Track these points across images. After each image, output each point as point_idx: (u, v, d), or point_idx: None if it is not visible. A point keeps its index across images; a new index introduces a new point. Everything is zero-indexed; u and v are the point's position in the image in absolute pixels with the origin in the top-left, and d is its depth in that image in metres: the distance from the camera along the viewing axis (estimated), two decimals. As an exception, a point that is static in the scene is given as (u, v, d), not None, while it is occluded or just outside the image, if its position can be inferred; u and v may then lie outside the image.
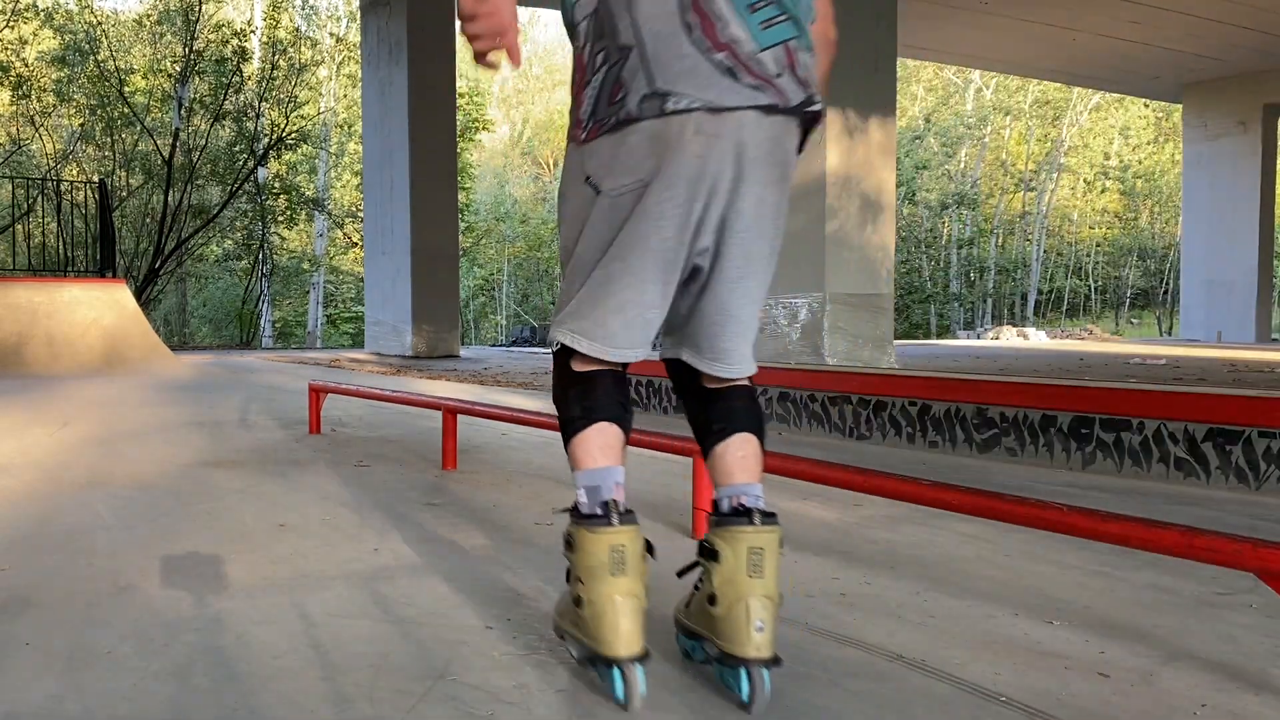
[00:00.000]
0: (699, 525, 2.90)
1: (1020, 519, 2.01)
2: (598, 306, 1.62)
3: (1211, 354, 10.11)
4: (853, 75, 7.20)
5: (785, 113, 1.55)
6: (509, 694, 1.70)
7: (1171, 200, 30.60)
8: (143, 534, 2.90)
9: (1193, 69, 15.49)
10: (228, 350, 15.76)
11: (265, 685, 1.75)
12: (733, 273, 1.59)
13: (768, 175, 1.58)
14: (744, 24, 1.51)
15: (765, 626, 1.56)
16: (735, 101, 1.50)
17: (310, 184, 25.07)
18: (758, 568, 1.57)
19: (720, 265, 1.59)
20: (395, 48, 12.40)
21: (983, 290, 31.01)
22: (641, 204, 1.52)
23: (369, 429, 5.26)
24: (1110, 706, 1.68)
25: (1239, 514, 3.25)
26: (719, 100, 1.49)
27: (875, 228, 7.34)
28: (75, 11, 19.71)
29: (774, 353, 7.51)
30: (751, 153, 1.53)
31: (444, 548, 2.75)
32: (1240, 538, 1.70)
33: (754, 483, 1.68)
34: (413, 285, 12.25)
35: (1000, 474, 4.07)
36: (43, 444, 4.60)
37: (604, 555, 1.56)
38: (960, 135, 30.38)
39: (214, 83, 18.80)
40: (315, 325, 25.85)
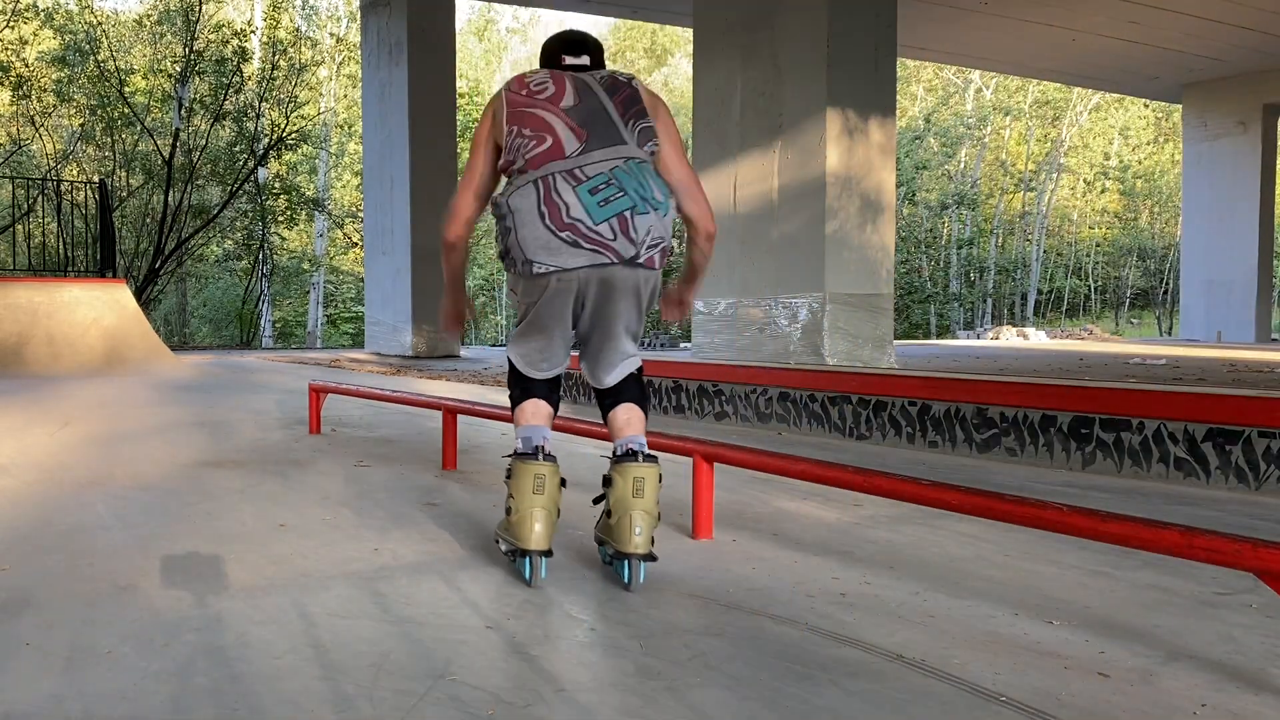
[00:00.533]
0: (699, 525, 2.90)
1: (1020, 519, 2.01)
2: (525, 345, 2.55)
3: (1211, 354, 10.11)
4: (853, 75, 7.20)
5: (619, 264, 2.33)
6: (509, 694, 1.71)
7: (1171, 200, 30.59)
8: (143, 534, 2.90)
9: (1193, 69, 15.48)
10: (228, 350, 15.76)
11: (265, 685, 1.75)
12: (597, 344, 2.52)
13: (612, 298, 2.39)
14: (583, 207, 2.28)
15: (643, 532, 2.30)
16: (577, 264, 2.30)
17: (310, 184, 25.08)
18: (640, 491, 2.33)
19: (591, 339, 2.52)
20: (395, 48, 12.40)
21: (983, 290, 31.00)
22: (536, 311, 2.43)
23: (369, 429, 5.26)
24: (1110, 706, 1.69)
25: (1239, 514, 3.26)
26: (565, 265, 2.31)
27: (875, 228, 7.34)
28: (75, 12, 19.71)
29: (774, 353, 7.51)
30: (595, 290, 2.37)
31: (444, 548, 2.75)
32: (1240, 538, 1.70)
33: (639, 434, 2.48)
34: (413, 285, 12.25)
35: (1000, 474, 4.08)
36: (43, 444, 4.60)
37: (529, 480, 2.33)
38: (960, 135, 30.37)
39: (214, 83, 18.80)
40: (315, 325, 25.85)
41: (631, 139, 2.38)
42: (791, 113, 7.37)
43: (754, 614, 2.18)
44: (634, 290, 2.40)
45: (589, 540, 2.84)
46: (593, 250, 2.29)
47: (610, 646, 1.97)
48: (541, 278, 2.33)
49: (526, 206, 2.30)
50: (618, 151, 2.35)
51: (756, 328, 7.71)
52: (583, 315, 2.44)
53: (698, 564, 2.60)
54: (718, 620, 2.13)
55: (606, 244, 2.29)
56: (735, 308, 7.92)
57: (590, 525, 3.03)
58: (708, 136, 8.27)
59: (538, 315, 2.43)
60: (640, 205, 2.31)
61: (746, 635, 2.04)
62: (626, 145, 2.37)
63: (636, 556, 2.30)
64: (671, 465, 4.07)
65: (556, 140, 2.33)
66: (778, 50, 7.49)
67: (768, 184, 7.60)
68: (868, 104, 7.26)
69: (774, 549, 2.77)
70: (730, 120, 7.96)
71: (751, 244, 7.76)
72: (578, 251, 2.29)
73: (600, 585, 2.39)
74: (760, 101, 7.66)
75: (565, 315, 2.42)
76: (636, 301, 2.43)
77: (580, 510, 3.28)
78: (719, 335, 8.10)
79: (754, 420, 5.71)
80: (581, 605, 2.24)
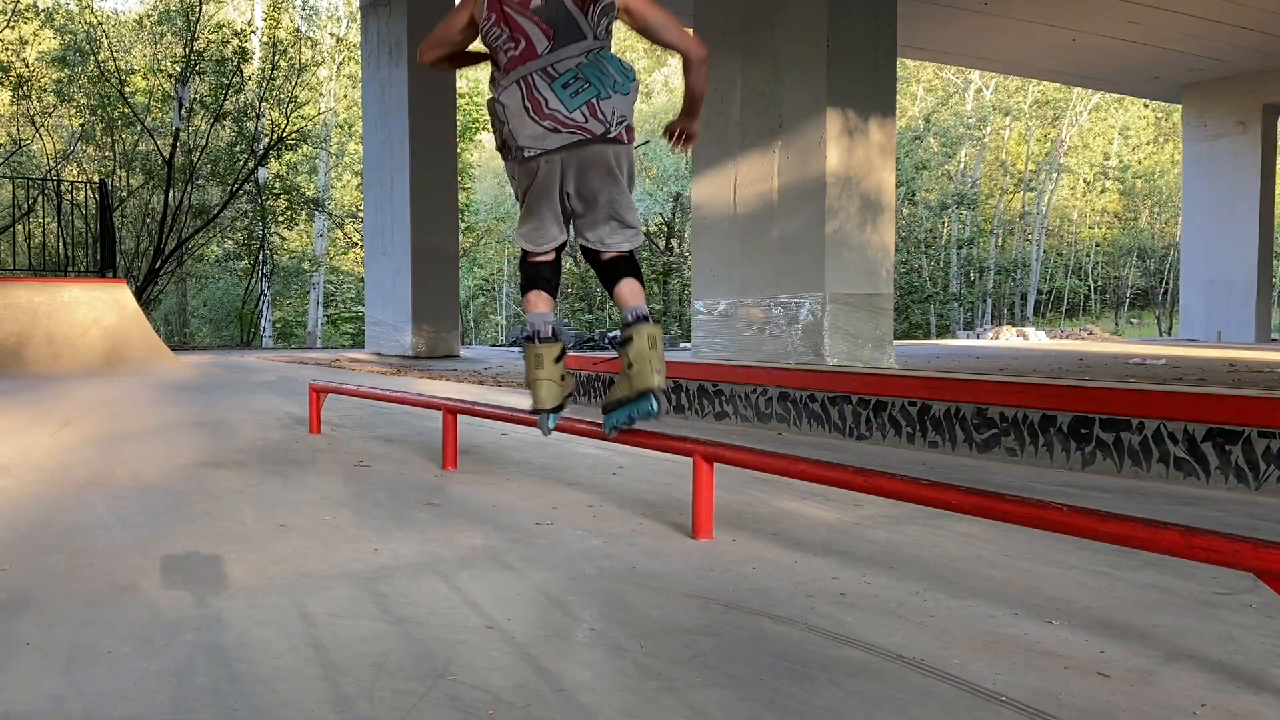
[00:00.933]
0: (699, 525, 2.90)
1: (1020, 519, 2.01)
2: (525, 226, 3.03)
3: (1211, 354, 10.11)
4: (853, 75, 7.20)
5: (594, 141, 2.84)
6: (509, 694, 1.71)
7: (1171, 200, 30.57)
8: (143, 534, 2.90)
9: (1192, 69, 15.48)
10: (228, 350, 15.76)
11: (265, 685, 1.75)
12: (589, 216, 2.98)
13: (593, 172, 2.87)
14: (559, 99, 2.80)
15: (660, 372, 2.89)
16: (558, 144, 2.83)
17: (310, 184, 25.06)
18: (654, 344, 2.91)
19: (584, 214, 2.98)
20: (395, 48, 12.40)
21: (982, 290, 30.98)
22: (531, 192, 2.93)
23: (369, 429, 5.26)
24: (1110, 706, 1.69)
25: (1239, 514, 3.26)
26: (549, 146, 2.83)
27: (875, 228, 7.34)
28: (75, 12, 19.70)
29: (774, 353, 7.51)
30: (575, 166, 2.86)
31: (444, 548, 2.75)
32: (1240, 538, 1.70)
33: (641, 304, 3.00)
34: (413, 285, 12.25)
35: (1000, 474, 4.08)
36: (43, 444, 4.60)
37: (531, 359, 3.06)
38: (960, 135, 30.35)
39: (214, 83, 18.79)
40: (315, 325, 25.83)
41: (590, 30, 2.85)
42: (791, 113, 7.37)
43: (754, 614, 2.18)
44: (607, 163, 2.88)
45: (589, 540, 2.84)
46: (570, 132, 2.82)
47: (610, 646, 1.97)
48: (532, 160, 2.87)
49: (514, 104, 2.84)
50: (581, 46, 2.85)
51: (756, 328, 7.71)
52: (570, 197, 2.94)
53: (698, 564, 2.60)
54: (718, 620, 2.13)
55: (581, 126, 2.82)
56: (735, 308, 7.92)
57: (588, 525, 3.03)
58: (708, 136, 8.27)
59: (532, 196, 2.95)
60: (603, 91, 2.82)
61: (746, 635, 2.04)
62: (586, 40, 2.85)
63: (660, 390, 2.88)
64: (671, 465, 4.08)
65: (529, 42, 2.84)
66: (778, 50, 7.49)
67: (768, 184, 7.60)
68: (868, 104, 7.26)
69: (774, 549, 2.77)
70: (730, 120, 7.96)
71: (751, 244, 7.76)
72: (558, 135, 2.82)
73: (600, 585, 2.40)
74: (760, 101, 7.66)
75: (553, 195, 2.93)
76: (611, 174, 2.90)
77: (580, 510, 3.28)
78: (719, 335, 8.10)
79: (754, 420, 5.71)
80: (581, 605, 2.24)
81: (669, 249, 31.78)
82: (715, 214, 8.18)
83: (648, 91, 38.10)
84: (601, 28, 2.86)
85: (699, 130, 3.20)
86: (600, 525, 3.05)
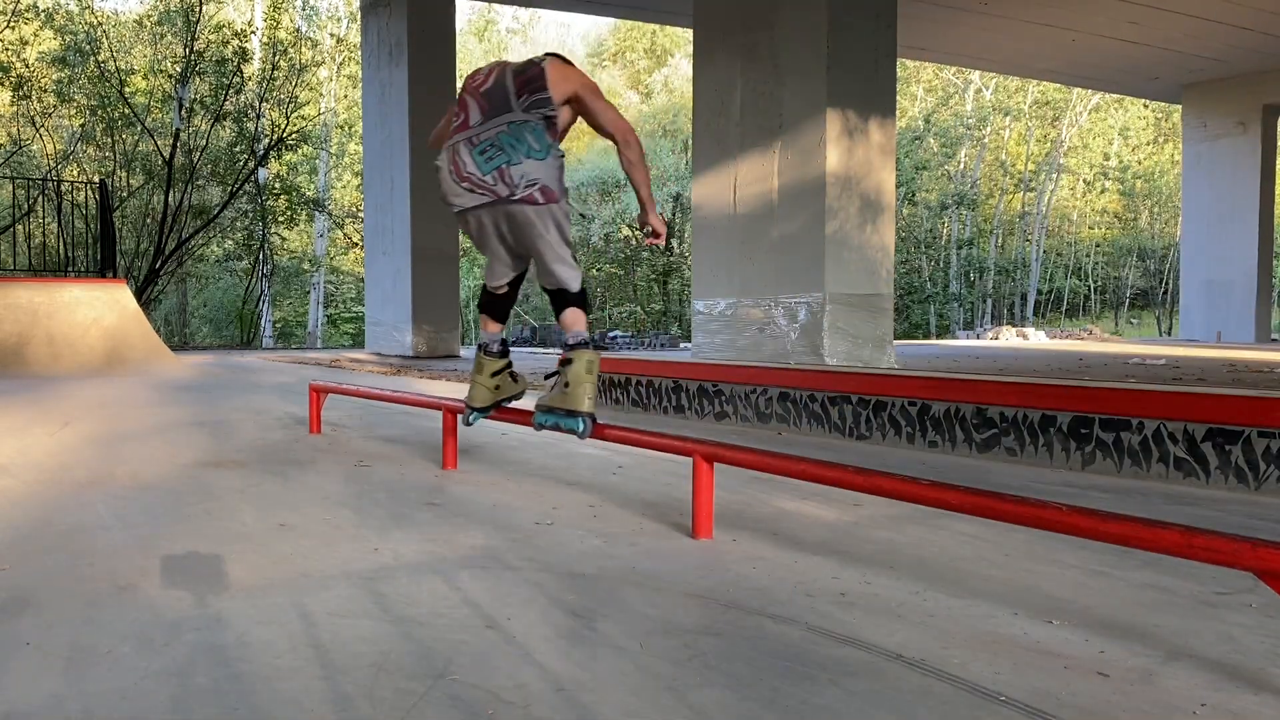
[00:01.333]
0: (699, 525, 2.90)
1: (1020, 519, 2.02)
2: (486, 266, 3.59)
3: (1211, 354, 10.11)
4: (853, 76, 7.20)
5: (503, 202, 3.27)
6: (509, 694, 1.71)
7: (1171, 200, 30.56)
8: (143, 534, 2.90)
9: (1192, 69, 15.48)
10: (228, 350, 15.76)
11: (265, 685, 1.75)
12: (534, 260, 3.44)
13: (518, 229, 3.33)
14: (475, 163, 3.27)
15: (592, 398, 3.28)
16: (474, 203, 3.31)
17: (311, 184, 25.06)
18: (591, 370, 3.31)
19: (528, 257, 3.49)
20: (395, 48, 12.40)
21: (982, 290, 30.98)
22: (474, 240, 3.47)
23: (369, 429, 5.26)
24: (1110, 706, 1.69)
25: (1239, 514, 3.26)
26: (467, 205, 3.33)
27: (875, 228, 7.34)
28: (76, 12, 19.69)
29: (774, 353, 7.51)
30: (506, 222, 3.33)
31: (444, 548, 2.75)
32: (1239, 537, 1.70)
33: (581, 330, 3.40)
34: (413, 285, 12.25)
35: (1000, 474, 4.08)
36: (43, 444, 4.60)
37: (476, 364, 3.68)
38: (960, 136, 30.34)
39: (214, 83, 18.78)
40: (315, 325, 25.83)
41: (517, 106, 3.29)
42: (791, 113, 7.37)
43: (754, 614, 2.18)
44: (528, 220, 3.30)
45: (589, 540, 2.84)
46: (481, 193, 3.29)
47: (610, 646, 1.97)
48: (459, 216, 3.39)
49: (444, 167, 3.36)
50: (504, 119, 3.28)
51: (756, 328, 7.71)
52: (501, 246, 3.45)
53: (698, 564, 2.60)
54: (718, 620, 2.13)
55: (489, 188, 3.27)
56: (735, 308, 7.92)
57: (588, 525, 3.04)
58: (708, 136, 8.27)
59: (476, 245, 3.51)
60: (514, 158, 3.24)
61: (746, 635, 2.04)
62: (512, 113, 3.28)
63: (589, 415, 3.26)
64: (671, 465, 4.08)
65: (467, 116, 3.36)
66: (778, 50, 7.49)
67: (768, 184, 7.60)
68: (867, 104, 7.26)
69: (774, 549, 2.77)
70: (730, 120, 7.96)
71: (751, 244, 7.76)
72: (473, 195, 3.30)
73: (600, 585, 2.40)
74: (760, 102, 7.66)
75: (492, 243, 3.42)
76: (533, 229, 3.31)
77: (580, 510, 3.28)
78: (719, 335, 8.10)
79: (754, 420, 5.71)
80: (582, 605, 2.24)
81: (669, 249, 31.78)
82: (715, 214, 8.18)
83: (648, 91, 38.10)
84: (530, 104, 3.27)
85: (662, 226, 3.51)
86: (600, 525, 3.05)
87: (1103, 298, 35.01)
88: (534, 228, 3.30)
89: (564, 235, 3.36)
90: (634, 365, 6.62)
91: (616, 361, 6.79)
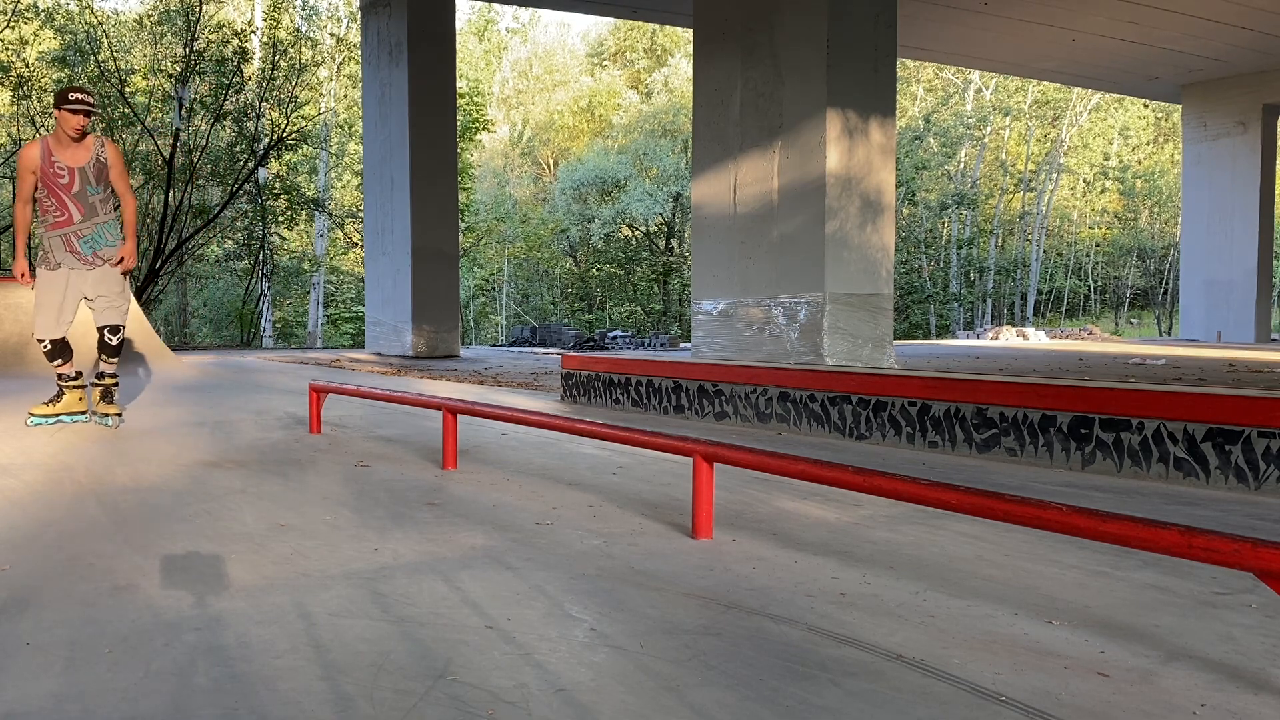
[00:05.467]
0: (699, 525, 2.90)
1: (1020, 519, 2.02)
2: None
3: (1211, 354, 10.11)
4: (853, 76, 7.20)
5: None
6: (509, 694, 1.71)
7: (1171, 200, 30.57)
8: (143, 534, 2.90)
9: (1192, 69, 15.49)
10: (228, 350, 15.76)
11: (265, 685, 1.75)
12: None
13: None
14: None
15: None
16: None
17: (311, 184, 25.04)
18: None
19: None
20: (395, 48, 12.40)
21: (982, 290, 30.97)
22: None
23: (369, 429, 5.26)
24: (1110, 706, 1.69)
25: (1239, 514, 3.26)
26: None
27: (875, 228, 7.34)
28: (76, 12, 19.69)
29: (774, 353, 7.51)
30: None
31: (444, 548, 2.75)
32: (1239, 538, 1.70)
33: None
34: (413, 285, 12.25)
35: (1000, 474, 4.08)
36: (44, 444, 4.60)
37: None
38: (960, 135, 30.34)
39: (214, 83, 18.77)
40: (316, 325, 25.83)
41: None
42: (791, 113, 7.37)
43: (754, 614, 2.18)
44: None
45: (589, 540, 2.84)
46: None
47: (610, 646, 1.97)
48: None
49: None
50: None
51: (756, 328, 7.71)
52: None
53: (698, 564, 2.60)
54: (717, 620, 2.13)
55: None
56: (735, 308, 7.92)
57: (588, 525, 3.04)
58: (708, 136, 8.27)
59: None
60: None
61: (746, 635, 2.04)
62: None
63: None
64: (671, 465, 4.08)
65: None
66: (778, 51, 7.50)
67: (768, 184, 7.60)
68: (868, 104, 7.27)
69: (774, 549, 2.77)
70: (730, 120, 7.96)
71: (751, 244, 7.77)
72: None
73: (600, 585, 2.40)
74: (760, 102, 7.66)
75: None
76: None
77: (580, 510, 3.28)
78: (719, 335, 8.10)
79: (754, 420, 5.71)
80: (581, 605, 2.24)
81: (669, 249, 31.80)
82: (715, 214, 8.18)
83: (648, 91, 38.10)
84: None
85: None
86: (600, 525, 3.05)
87: (1103, 298, 35.01)
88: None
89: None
90: (634, 365, 6.62)
91: (616, 361, 6.79)
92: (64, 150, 4.86)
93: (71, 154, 4.86)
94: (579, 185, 31.45)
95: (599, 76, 40.73)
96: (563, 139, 38.24)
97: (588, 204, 31.50)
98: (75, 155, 4.87)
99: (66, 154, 4.86)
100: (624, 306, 31.76)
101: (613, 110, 37.88)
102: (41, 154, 4.86)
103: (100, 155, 4.93)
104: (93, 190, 4.92)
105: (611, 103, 38.11)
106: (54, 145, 4.86)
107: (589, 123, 37.77)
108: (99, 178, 4.93)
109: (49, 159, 4.85)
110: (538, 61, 41.02)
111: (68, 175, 4.86)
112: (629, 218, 30.75)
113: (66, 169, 4.86)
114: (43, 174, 4.85)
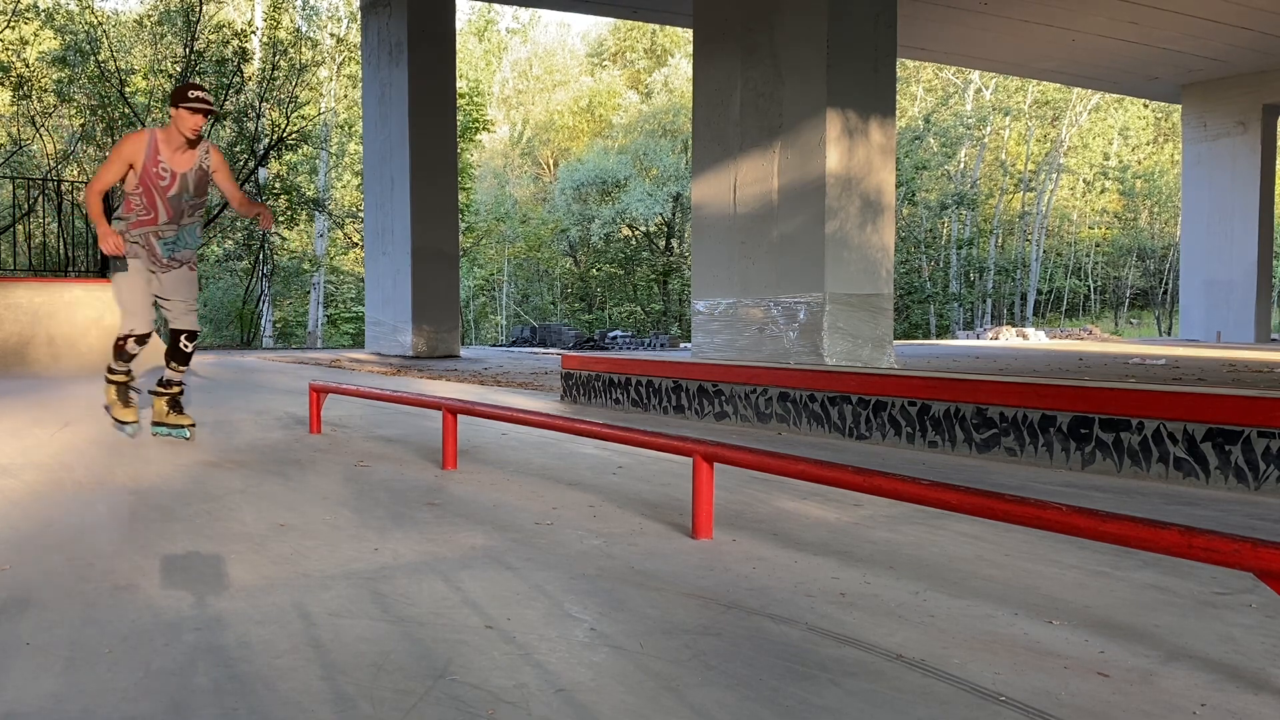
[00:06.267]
0: (699, 525, 2.90)
1: (1020, 519, 2.02)
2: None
3: (1211, 354, 10.11)
4: (853, 76, 7.20)
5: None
6: (509, 694, 1.71)
7: (1171, 200, 30.56)
8: (143, 534, 2.90)
9: (1192, 69, 15.49)
10: (228, 350, 15.76)
11: (265, 685, 1.75)
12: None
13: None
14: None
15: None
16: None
17: (311, 184, 25.05)
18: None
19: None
20: (395, 48, 12.40)
21: (982, 290, 30.97)
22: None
23: (369, 429, 5.26)
24: (1110, 706, 1.69)
25: (1239, 514, 3.26)
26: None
27: (875, 228, 7.34)
28: (76, 12, 19.70)
29: (773, 353, 7.51)
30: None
31: (444, 548, 2.75)
32: (1239, 538, 1.70)
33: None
34: (413, 285, 12.25)
35: (1000, 474, 4.08)
36: (44, 444, 4.60)
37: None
38: (960, 135, 30.34)
39: (214, 83, 18.79)
40: (316, 325, 25.83)
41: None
42: (791, 113, 7.37)
43: (754, 614, 2.18)
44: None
45: (589, 540, 2.85)
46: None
47: (610, 646, 1.97)
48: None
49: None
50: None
51: (756, 328, 7.71)
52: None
53: (698, 564, 2.60)
54: (717, 620, 2.13)
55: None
56: (735, 308, 7.92)
57: (588, 525, 3.04)
58: (708, 136, 8.27)
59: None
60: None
61: (746, 635, 2.04)
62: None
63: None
64: (672, 465, 4.08)
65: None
66: (778, 51, 7.49)
67: (768, 184, 7.60)
68: (867, 104, 7.27)
69: (774, 549, 2.77)
70: (730, 120, 7.96)
71: (751, 244, 7.77)
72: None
73: (600, 585, 2.40)
74: (760, 102, 7.66)
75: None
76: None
77: (580, 510, 3.28)
78: (719, 335, 8.10)
79: (754, 420, 5.71)
80: (581, 605, 2.24)
81: (669, 249, 31.80)
82: (715, 214, 8.18)
83: (648, 92, 38.09)
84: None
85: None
86: (600, 525, 3.05)
87: (1102, 298, 35.01)
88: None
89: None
90: (634, 365, 6.62)
91: (616, 361, 6.79)
92: (172, 152, 4.40)
93: (179, 158, 4.42)
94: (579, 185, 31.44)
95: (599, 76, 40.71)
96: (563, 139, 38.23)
97: (588, 204, 31.49)
98: (182, 159, 4.43)
99: (175, 156, 4.40)
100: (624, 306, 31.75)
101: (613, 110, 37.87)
102: (148, 149, 4.37)
103: (204, 162, 4.50)
104: (188, 197, 4.52)
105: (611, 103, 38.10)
106: (162, 143, 4.39)
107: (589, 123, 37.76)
108: (198, 187, 4.53)
109: (154, 157, 4.38)
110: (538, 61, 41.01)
111: (169, 178, 4.42)
112: (629, 218, 30.75)
113: (170, 172, 4.41)
114: (144, 170, 4.37)
